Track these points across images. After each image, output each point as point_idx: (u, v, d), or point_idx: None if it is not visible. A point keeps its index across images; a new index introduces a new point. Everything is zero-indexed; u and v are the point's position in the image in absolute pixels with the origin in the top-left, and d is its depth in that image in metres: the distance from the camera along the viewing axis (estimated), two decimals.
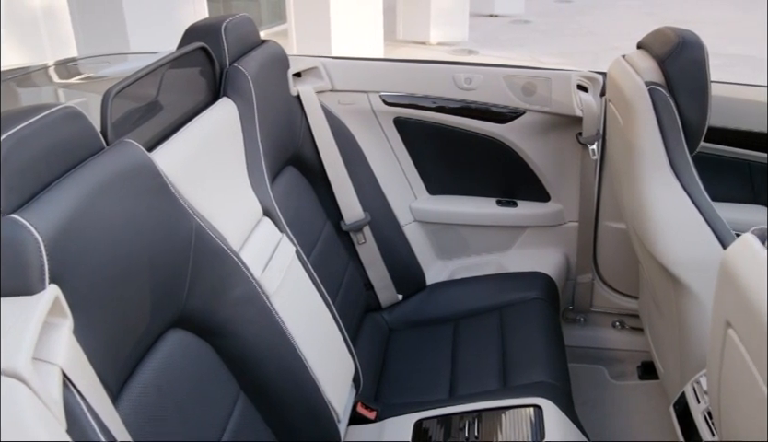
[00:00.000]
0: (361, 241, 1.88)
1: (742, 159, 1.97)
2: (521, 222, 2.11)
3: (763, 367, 0.72)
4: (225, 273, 1.16)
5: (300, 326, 1.33)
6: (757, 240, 0.78)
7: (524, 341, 1.72)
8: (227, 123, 1.38)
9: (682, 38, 1.42)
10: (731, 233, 1.33)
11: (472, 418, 1.48)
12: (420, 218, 2.14)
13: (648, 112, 1.38)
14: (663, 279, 1.46)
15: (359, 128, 1.99)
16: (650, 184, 1.40)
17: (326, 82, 1.95)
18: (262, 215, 1.42)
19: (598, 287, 2.19)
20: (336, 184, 1.83)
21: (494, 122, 1.99)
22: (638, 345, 2.16)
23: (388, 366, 1.81)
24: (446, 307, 1.96)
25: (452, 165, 2.10)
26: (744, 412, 0.81)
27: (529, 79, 1.92)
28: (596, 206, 2.07)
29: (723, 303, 0.85)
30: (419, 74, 1.97)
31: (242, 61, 1.51)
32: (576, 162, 2.02)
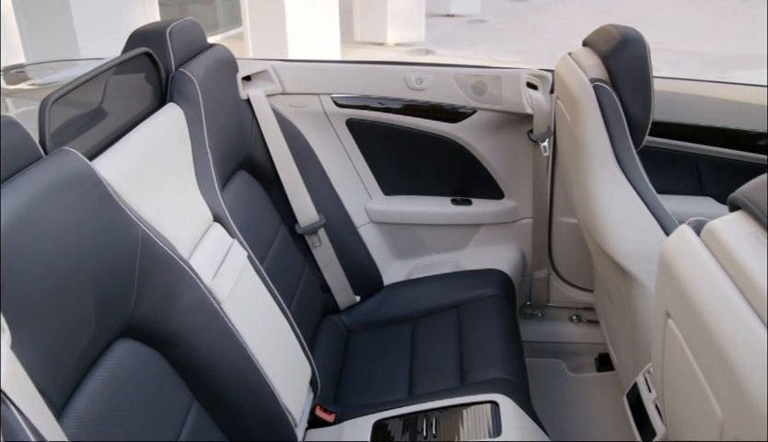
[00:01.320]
0: (316, 244, 1.87)
1: (689, 153, 2.02)
2: (476, 220, 2.13)
3: (700, 357, 0.73)
4: (173, 281, 1.15)
5: (253, 331, 1.32)
6: (692, 232, 0.80)
7: (481, 338, 1.74)
8: (174, 129, 1.36)
9: (625, 35, 1.44)
10: (677, 224, 1.36)
11: (431, 417, 1.48)
12: (375, 219, 2.14)
13: (593, 109, 1.41)
14: (614, 272, 1.49)
15: (311, 130, 1.98)
16: (597, 179, 1.42)
17: (276, 85, 1.94)
18: (213, 221, 1.40)
19: (554, 282, 2.21)
20: (289, 187, 1.82)
21: (446, 121, 2.00)
22: (595, 338, 2.19)
23: (347, 368, 1.80)
24: (403, 307, 1.96)
25: (406, 165, 2.11)
26: (684, 401, 0.83)
27: (479, 78, 1.94)
28: (549, 202, 2.09)
29: (663, 294, 0.87)
30: (370, 75, 1.97)
31: (188, 65, 1.49)
32: (529, 159, 2.04)
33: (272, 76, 1.93)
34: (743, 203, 0.73)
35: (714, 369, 0.69)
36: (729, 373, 0.64)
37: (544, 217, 2.10)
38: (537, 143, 1.97)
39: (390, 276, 2.11)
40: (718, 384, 0.69)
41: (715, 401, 0.71)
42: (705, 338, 0.70)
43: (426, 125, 2.01)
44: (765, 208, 0.69)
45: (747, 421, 0.63)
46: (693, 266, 0.75)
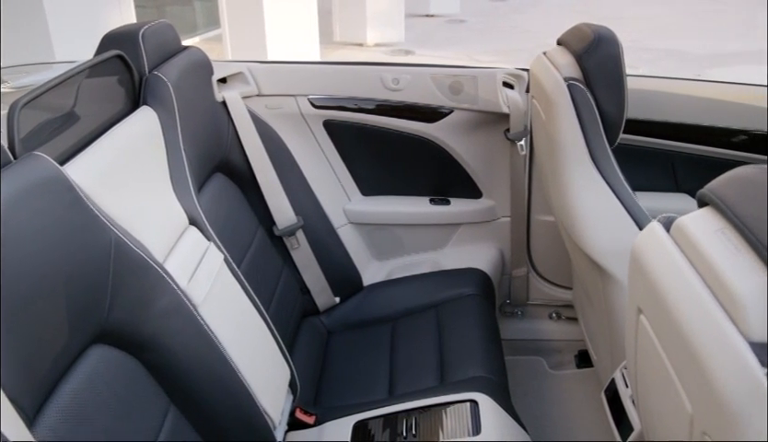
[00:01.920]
0: (295, 246, 1.87)
1: (665, 150, 2.04)
2: (455, 219, 2.13)
3: (671, 352, 0.74)
4: (148, 285, 1.14)
5: (230, 334, 1.31)
6: (662, 228, 0.80)
7: (460, 337, 1.74)
8: (148, 132, 1.35)
9: (598, 34, 1.45)
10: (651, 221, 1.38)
11: (411, 417, 1.48)
12: (354, 220, 2.14)
13: (568, 107, 1.42)
14: (590, 269, 1.50)
15: (288, 132, 1.97)
16: (573, 177, 1.43)
17: (252, 87, 1.93)
18: (188, 224, 1.39)
19: (533, 280, 2.22)
20: (266, 189, 1.81)
21: (423, 121, 2.00)
22: (575, 335, 2.21)
23: (327, 370, 1.80)
24: (383, 307, 1.96)
25: (384, 165, 2.11)
26: (657, 395, 0.84)
27: (456, 78, 1.94)
28: (527, 201, 2.10)
29: (634, 290, 0.87)
30: (346, 76, 1.97)
31: (162, 68, 1.48)
32: (506, 158, 2.05)
33: (247, 78, 1.92)
34: (710, 200, 0.74)
35: (683, 364, 0.70)
36: (698, 368, 0.65)
37: (522, 216, 2.12)
38: (514, 142, 1.98)
39: (370, 277, 2.11)
40: (688, 379, 0.70)
41: (684, 395, 0.71)
42: (675, 333, 0.70)
43: (404, 125, 2.01)
44: (732, 204, 0.70)
45: (714, 415, 0.63)
46: (663, 262, 0.76)
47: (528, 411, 1.97)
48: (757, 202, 0.67)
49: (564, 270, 2.16)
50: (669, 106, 2.00)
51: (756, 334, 0.61)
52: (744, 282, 0.63)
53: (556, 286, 2.21)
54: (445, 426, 1.43)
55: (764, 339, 0.61)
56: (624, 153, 2.00)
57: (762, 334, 0.61)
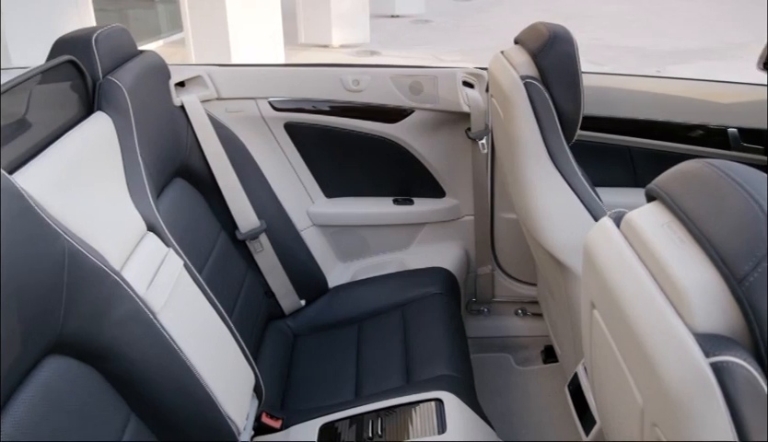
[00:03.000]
0: (258, 249, 1.85)
1: (624, 146, 2.07)
2: (419, 219, 2.14)
3: (622, 346, 0.75)
4: (105, 294, 1.12)
5: (192, 341, 1.30)
6: (612, 223, 0.82)
7: (426, 336, 1.75)
8: (102, 138, 1.32)
9: (553, 33, 1.47)
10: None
11: (377, 417, 1.48)
12: (318, 222, 2.13)
13: (525, 105, 1.43)
14: (551, 265, 1.51)
15: (249, 135, 1.96)
16: (531, 174, 1.44)
17: (211, 90, 1.91)
18: (146, 231, 1.37)
19: (498, 278, 2.24)
20: (228, 194, 1.80)
21: (385, 121, 2.00)
22: (540, 331, 2.23)
23: (293, 373, 1.79)
24: (349, 309, 1.96)
25: (347, 167, 2.11)
26: (611, 388, 0.85)
27: (416, 78, 1.95)
28: (490, 199, 2.12)
29: (587, 285, 0.89)
30: (306, 77, 1.97)
31: (116, 73, 1.46)
32: (468, 157, 2.07)
33: (206, 82, 1.90)
34: (657, 194, 0.75)
35: (633, 357, 0.71)
36: (646, 360, 0.66)
37: (486, 214, 2.13)
38: (475, 141, 1.99)
39: (335, 279, 2.11)
40: (637, 371, 0.71)
41: (635, 388, 0.72)
42: (625, 327, 0.71)
43: (365, 126, 2.01)
44: (677, 198, 0.71)
45: (663, 407, 0.64)
46: (612, 257, 0.77)
47: (495, 407, 1.98)
48: (701, 195, 0.68)
49: (528, 267, 2.18)
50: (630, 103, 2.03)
51: (700, 326, 0.62)
52: (688, 274, 0.64)
53: (521, 283, 2.23)
54: (411, 426, 1.43)
55: (708, 330, 0.62)
56: (585, 149, 2.03)
57: (706, 326, 0.62)
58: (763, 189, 0.64)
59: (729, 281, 0.60)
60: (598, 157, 2.08)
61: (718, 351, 0.59)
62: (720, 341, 0.61)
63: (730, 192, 0.65)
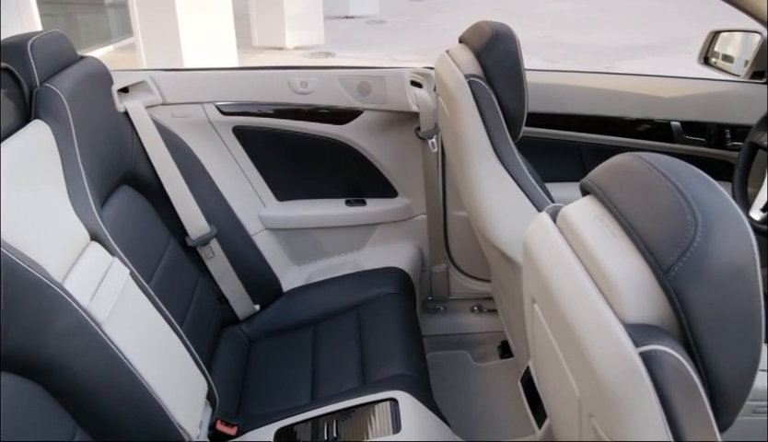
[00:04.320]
0: (209, 255, 1.83)
1: (572, 141, 2.10)
2: (372, 220, 2.14)
3: (559, 339, 0.76)
4: (45, 306, 1.09)
5: (139, 350, 1.28)
6: (549, 218, 0.83)
7: (380, 336, 1.75)
8: (40, 148, 1.29)
9: (496, 31, 1.48)
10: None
11: (332, 419, 1.48)
12: (270, 226, 2.12)
13: (470, 104, 1.44)
14: (501, 261, 1.53)
15: (197, 140, 1.94)
16: (478, 172, 1.46)
17: (156, 96, 1.88)
18: (90, 240, 1.34)
19: (453, 275, 2.25)
20: (176, 200, 1.77)
21: (334, 123, 2.00)
22: (497, 326, 2.25)
23: (249, 379, 1.78)
24: (304, 312, 1.95)
25: (297, 170, 2.10)
26: (552, 381, 0.86)
27: (364, 79, 1.95)
28: (442, 197, 2.13)
29: (528, 280, 0.90)
30: (254, 81, 1.95)
31: (54, 80, 1.43)
32: (419, 156, 2.08)
33: (150, 87, 1.87)
34: (590, 188, 0.76)
35: (569, 349, 0.72)
36: (580, 352, 0.67)
37: (439, 213, 2.14)
38: (425, 140, 2.00)
39: (290, 282, 2.10)
40: (574, 363, 0.72)
41: (572, 379, 0.74)
42: (561, 320, 0.72)
43: (315, 128, 2.00)
44: (608, 191, 0.72)
45: (597, 397, 0.65)
46: (549, 251, 0.78)
47: (453, 404, 1.99)
48: (630, 188, 0.70)
49: (482, 263, 2.20)
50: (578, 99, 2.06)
51: (630, 316, 0.63)
52: (618, 266, 0.65)
53: (476, 280, 2.25)
54: (366, 426, 1.43)
55: (638, 320, 0.63)
56: (535, 146, 2.06)
57: (635, 316, 0.63)
58: (689, 181, 0.65)
59: (656, 271, 0.62)
60: (547, 152, 2.11)
61: (647, 340, 0.61)
62: (649, 330, 0.62)
63: (658, 185, 0.66)
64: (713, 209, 0.61)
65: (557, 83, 2.06)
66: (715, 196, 0.63)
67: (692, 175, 0.66)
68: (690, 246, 0.59)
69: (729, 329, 0.61)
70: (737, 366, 0.63)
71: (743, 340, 0.62)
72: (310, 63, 7.85)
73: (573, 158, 2.13)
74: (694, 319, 0.60)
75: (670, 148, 2.07)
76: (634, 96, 2.05)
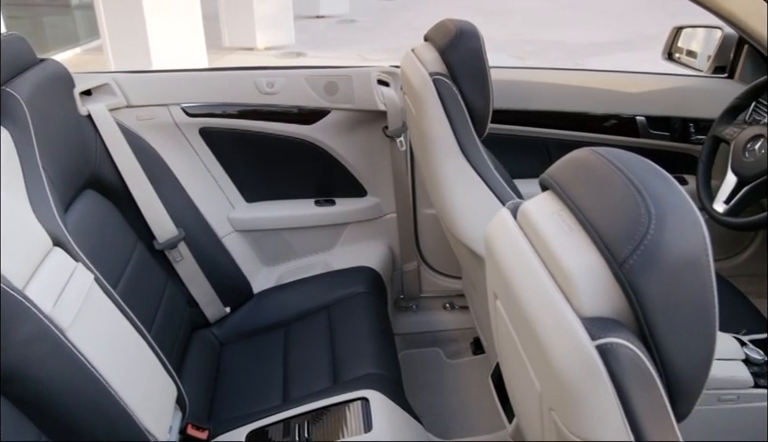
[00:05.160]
0: (178, 259, 1.81)
1: (540, 137, 2.12)
2: (341, 219, 2.14)
3: (520, 334, 0.76)
4: (6, 314, 1.07)
5: (105, 356, 1.26)
6: (510, 214, 0.83)
7: (351, 336, 1.75)
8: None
9: (460, 29, 1.49)
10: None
11: (304, 420, 1.47)
12: (239, 228, 2.10)
13: (435, 101, 1.44)
14: (470, 257, 1.53)
15: (163, 143, 1.92)
16: (445, 170, 1.46)
17: (120, 98, 1.86)
18: (53, 246, 1.32)
19: (424, 273, 2.26)
20: (143, 203, 1.75)
21: (301, 123, 1.99)
22: (469, 323, 2.26)
23: (221, 382, 1.76)
24: (275, 313, 1.94)
25: (266, 170, 2.09)
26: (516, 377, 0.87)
27: (331, 78, 1.95)
28: (412, 196, 2.13)
29: (490, 276, 0.90)
30: (220, 82, 1.94)
31: (13, 83, 1.40)
32: (387, 155, 2.08)
33: (114, 89, 1.85)
34: (548, 183, 0.77)
35: (529, 344, 0.73)
36: (539, 346, 0.68)
37: (408, 211, 2.14)
38: (393, 139, 2.00)
39: (260, 284, 2.08)
40: (534, 358, 0.72)
41: (533, 374, 0.74)
42: (521, 315, 0.73)
43: (282, 129, 1.99)
44: (566, 186, 0.73)
45: (556, 391, 0.66)
46: (509, 247, 0.78)
47: (426, 401, 2.00)
48: (587, 182, 0.70)
49: (453, 260, 2.21)
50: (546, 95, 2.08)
51: (587, 310, 0.64)
52: (575, 260, 0.66)
53: (447, 277, 2.25)
54: (338, 426, 1.43)
55: (595, 314, 0.64)
56: (502, 142, 2.07)
57: (592, 310, 0.64)
58: (644, 174, 0.66)
59: (611, 264, 0.62)
60: (515, 149, 2.13)
61: (603, 333, 0.61)
62: (605, 323, 0.62)
63: (613, 179, 0.67)
64: (666, 202, 0.62)
65: (525, 80, 2.08)
66: (668, 189, 0.64)
67: (647, 169, 0.67)
68: (644, 239, 0.60)
69: (684, 319, 0.62)
70: (692, 356, 0.64)
71: (697, 330, 0.63)
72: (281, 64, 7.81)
73: (540, 154, 2.14)
74: (649, 310, 0.61)
75: (636, 143, 2.09)
76: (600, 92, 2.07)
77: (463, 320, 2.28)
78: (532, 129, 2.11)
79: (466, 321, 2.27)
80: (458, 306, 2.29)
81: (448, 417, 1.94)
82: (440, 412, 1.96)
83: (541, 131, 2.11)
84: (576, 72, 2.13)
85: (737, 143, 1.66)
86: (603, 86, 2.08)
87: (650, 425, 0.61)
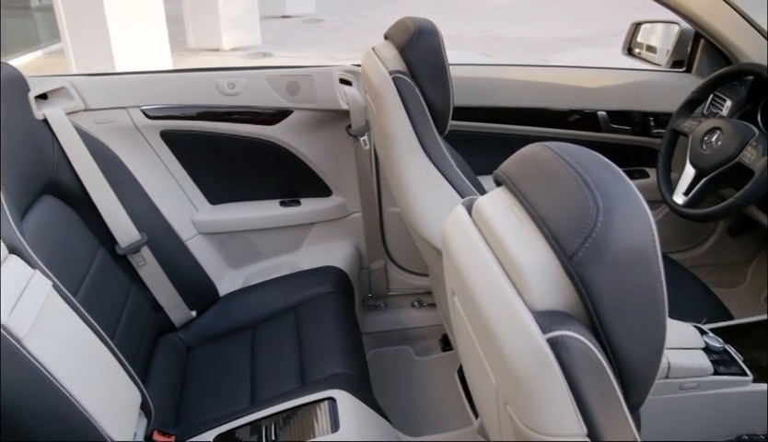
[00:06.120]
0: (141, 263, 1.79)
1: (503, 133, 2.13)
2: (307, 219, 2.13)
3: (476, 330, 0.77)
4: None
5: (65, 364, 1.24)
6: (465, 210, 0.83)
7: (318, 336, 1.74)
8: None
9: (419, 27, 1.49)
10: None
11: (271, 422, 1.47)
12: (204, 230, 2.09)
13: (395, 100, 1.44)
14: (434, 254, 1.54)
15: (123, 146, 1.89)
16: (406, 168, 1.46)
17: (77, 101, 1.83)
18: (8, 254, 1.30)
19: (392, 271, 2.26)
20: (103, 208, 1.72)
21: (264, 124, 1.98)
22: (437, 320, 2.27)
23: (188, 387, 1.74)
24: (241, 316, 1.92)
25: (229, 172, 2.07)
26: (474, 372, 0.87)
27: (292, 78, 1.94)
28: (377, 194, 2.13)
29: (447, 273, 0.90)
30: (180, 83, 1.91)
31: None
32: (351, 154, 2.07)
33: (71, 93, 1.82)
34: (501, 179, 0.77)
35: (484, 339, 0.73)
36: (493, 341, 0.68)
37: (374, 209, 2.14)
38: (357, 138, 2.00)
39: (227, 286, 2.07)
40: (489, 353, 0.73)
41: (489, 369, 0.75)
42: (476, 311, 0.73)
43: (245, 130, 1.98)
44: (517, 181, 0.73)
45: (510, 385, 0.66)
46: (464, 243, 0.79)
47: (396, 399, 2.00)
48: (538, 177, 0.71)
49: (420, 258, 2.21)
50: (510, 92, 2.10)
51: (539, 304, 0.64)
52: (527, 255, 0.66)
53: (414, 275, 2.26)
54: (305, 427, 1.43)
55: (547, 307, 0.64)
56: (467, 139, 2.08)
57: (544, 303, 0.64)
58: (592, 168, 0.66)
59: (561, 258, 0.63)
60: (480, 145, 2.14)
61: (554, 326, 0.62)
62: (556, 316, 0.63)
63: (563, 173, 0.67)
64: (614, 194, 0.63)
65: (489, 77, 2.09)
66: (616, 182, 0.64)
67: (596, 162, 0.68)
68: (592, 232, 0.61)
69: (633, 310, 0.63)
70: (642, 346, 0.65)
71: (647, 320, 0.64)
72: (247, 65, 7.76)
73: (504, 150, 2.16)
74: (599, 302, 0.62)
75: (598, 138, 2.12)
76: (562, 88, 2.09)
77: (431, 318, 2.29)
78: (496, 125, 2.13)
79: (434, 319, 2.28)
80: (426, 303, 2.30)
81: (418, 414, 1.94)
82: (410, 409, 1.97)
83: (504, 127, 2.13)
84: (539, 68, 2.15)
85: (694, 135, 1.69)
86: (565, 82, 2.10)
87: (602, 415, 0.62)
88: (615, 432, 0.63)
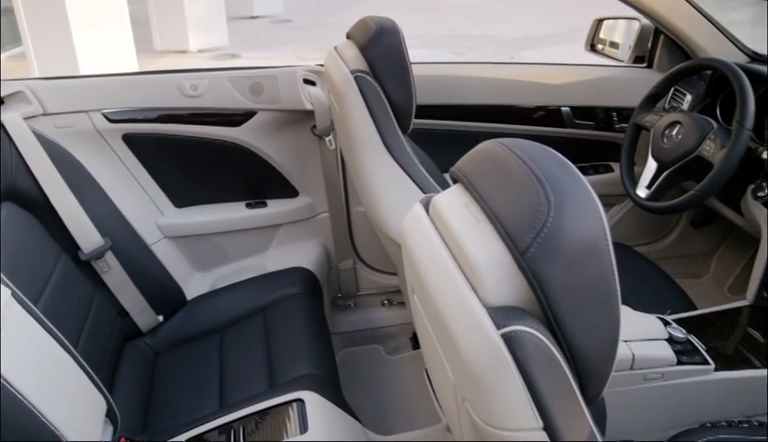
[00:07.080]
0: (105, 269, 1.76)
1: (470, 131, 2.14)
2: (274, 221, 2.12)
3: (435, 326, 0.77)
4: None
5: (25, 373, 1.21)
6: (422, 208, 0.83)
7: (287, 338, 1.73)
8: None
9: (380, 26, 1.49)
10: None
11: (239, 425, 1.46)
12: (169, 234, 2.06)
13: (357, 99, 1.44)
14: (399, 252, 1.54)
15: (84, 150, 1.86)
16: (369, 166, 1.46)
17: (36, 106, 1.80)
18: None
19: (361, 271, 2.26)
20: (65, 214, 1.69)
21: (228, 125, 1.97)
22: (407, 318, 2.27)
23: (156, 392, 1.72)
24: (209, 319, 1.91)
25: (194, 175, 2.05)
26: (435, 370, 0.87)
27: (256, 79, 1.93)
28: (344, 194, 2.13)
29: (407, 270, 0.90)
30: (141, 86, 1.89)
31: None
32: (317, 154, 2.07)
33: (29, 97, 1.79)
34: (457, 176, 0.77)
35: (442, 336, 0.73)
36: (449, 337, 0.68)
37: (341, 209, 2.14)
38: (322, 137, 2.00)
39: (194, 290, 2.05)
40: (446, 349, 0.73)
41: (447, 366, 0.75)
42: (433, 308, 0.73)
43: (209, 132, 1.96)
44: (472, 178, 0.73)
45: (466, 381, 0.67)
46: (421, 241, 0.79)
47: (367, 399, 2.00)
48: (492, 173, 0.71)
49: (389, 257, 2.21)
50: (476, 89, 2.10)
51: (494, 299, 0.65)
52: (481, 251, 0.66)
53: (384, 274, 2.26)
54: (274, 429, 1.42)
55: (501, 303, 0.65)
56: (433, 137, 2.09)
57: (497, 299, 0.64)
58: (544, 163, 0.67)
59: (514, 254, 0.63)
60: (446, 143, 2.14)
61: (508, 322, 0.62)
62: (510, 312, 0.63)
63: (516, 169, 0.68)
64: (565, 189, 0.63)
65: (455, 75, 2.09)
66: (567, 176, 0.65)
67: (548, 157, 0.68)
68: (543, 226, 0.61)
69: (586, 303, 0.63)
70: (597, 338, 0.65)
71: (600, 313, 0.64)
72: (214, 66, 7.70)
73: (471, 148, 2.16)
74: (552, 297, 0.62)
75: (563, 133, 2.14)
76: (527, 84, 2.11)
77: (402, 316, 2.29)
78: (463, 123, 2.13)
79: (404, 317, 2.28)
80: (395, 302, 2.30)
81: (389, 413, 1.95)
82: (381, 408, 1.97)
83: (471, 124, 2.14)
84: (504, 65, 2.17)
85: (656, 129, 1.72)
86: (530, 78, 2.11)
87: (557, 409, 0.63)
88: (571, 424, 0.64)
